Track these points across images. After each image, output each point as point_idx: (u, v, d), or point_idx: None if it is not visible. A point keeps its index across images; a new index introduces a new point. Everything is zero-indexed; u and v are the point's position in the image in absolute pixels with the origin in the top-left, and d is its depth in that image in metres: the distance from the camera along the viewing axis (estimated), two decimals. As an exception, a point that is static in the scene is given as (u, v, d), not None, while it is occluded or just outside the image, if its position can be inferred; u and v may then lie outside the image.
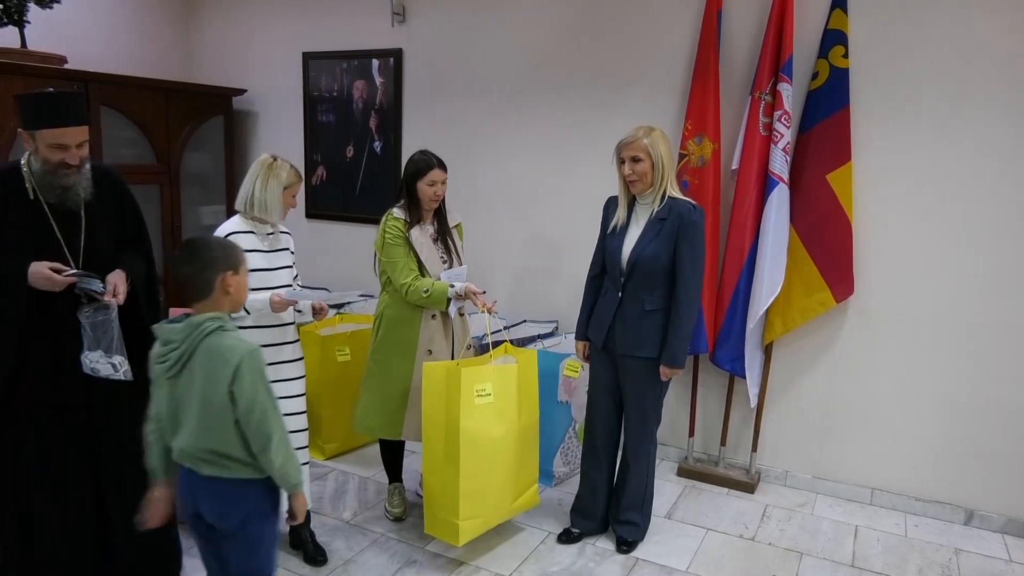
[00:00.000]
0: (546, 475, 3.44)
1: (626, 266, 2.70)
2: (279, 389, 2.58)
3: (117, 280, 2.21)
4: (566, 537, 2.97)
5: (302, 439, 2.73)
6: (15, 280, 2.10)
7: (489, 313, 2.76)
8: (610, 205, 2.85)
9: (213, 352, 1.74)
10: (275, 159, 2.61)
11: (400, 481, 3.15)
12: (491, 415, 2.67)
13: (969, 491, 3.21)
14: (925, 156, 3.09)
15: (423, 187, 2.84)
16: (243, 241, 2.57)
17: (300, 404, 2.72)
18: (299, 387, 2.72)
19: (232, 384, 1.72)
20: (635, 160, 2.64)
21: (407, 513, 3.11)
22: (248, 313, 2.51)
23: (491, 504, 2.75)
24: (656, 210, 2.66)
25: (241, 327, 2.57)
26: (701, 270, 2.68)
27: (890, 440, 3.32)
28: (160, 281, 2.50)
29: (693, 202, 2.68)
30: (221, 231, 2.56)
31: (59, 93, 2.22)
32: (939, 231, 3.11)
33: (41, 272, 2.09)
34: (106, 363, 2.15)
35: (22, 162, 2.20)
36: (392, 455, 3.13)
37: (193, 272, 1.79)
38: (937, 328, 3.16)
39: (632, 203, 2.76)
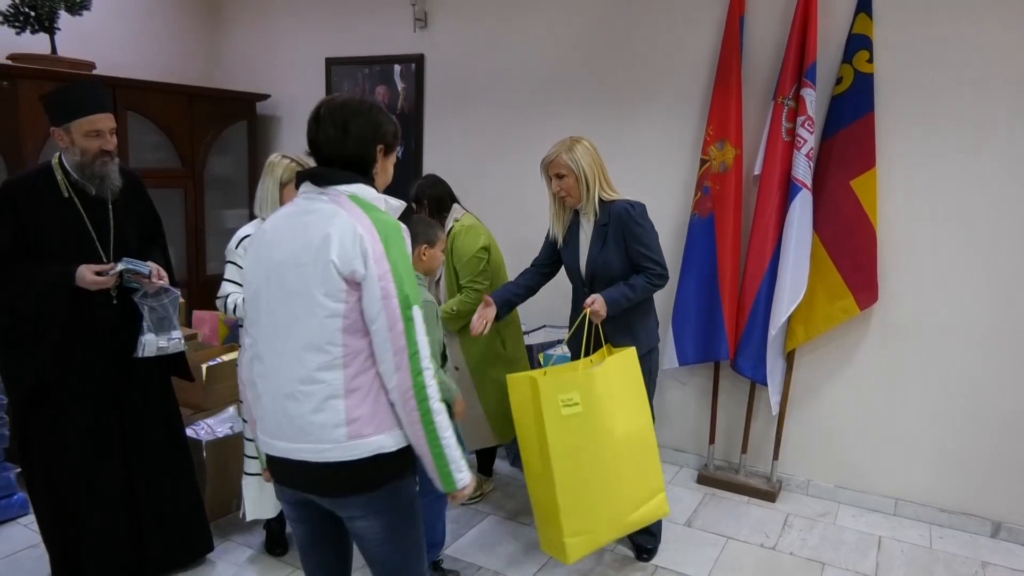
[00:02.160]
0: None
1: (586, 277, 2.75)
2: None
3: (154, 264, 2.33)
4: None
5: None
6: (64, 283, 2.20)
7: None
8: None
9: None
10: (279, 157, 2.58)
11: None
12: (583, 425, 2.44)
13: (996, 503, 3.15)
14: (951, 163, 3.05)
15: None
16: None
17: None
18: None
19: None
20: (560, 176, 2.67)
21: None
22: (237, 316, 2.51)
23: (602, 519, 2.48)
24: (596, 218, 2.68)
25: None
26: (657, 253, 2.66)
27: (915, 449, 3.27)
28: (174, 275, 2.58)
29: (629, 200, 2.68)
30: (237, 236, 2.58)
31: (85, 83, 2.29)
32: (965, 238, 3.07)
33: (86, 277, 2.18)
34: (164, 338, 2.36)
35: (53, 162, 2.26)
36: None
37: None
38: (963, 336, 3.12)
39: (576, 215, 2.78)
